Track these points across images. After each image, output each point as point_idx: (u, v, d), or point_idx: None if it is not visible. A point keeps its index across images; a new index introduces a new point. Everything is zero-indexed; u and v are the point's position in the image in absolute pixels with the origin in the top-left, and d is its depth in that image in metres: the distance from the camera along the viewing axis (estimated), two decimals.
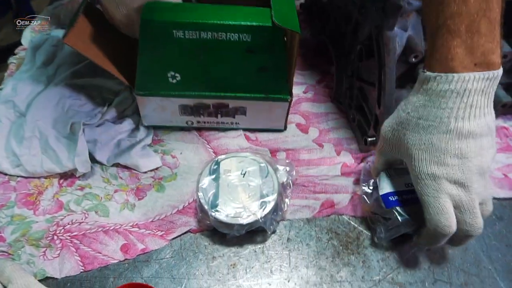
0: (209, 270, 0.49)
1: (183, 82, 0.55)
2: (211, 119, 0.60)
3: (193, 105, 0.57)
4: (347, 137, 0.62)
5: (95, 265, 0.48)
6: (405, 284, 0.49)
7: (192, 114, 0.59)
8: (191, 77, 0.55)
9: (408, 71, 0.58)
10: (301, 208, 0.54)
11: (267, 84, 0.56)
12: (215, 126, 0.61)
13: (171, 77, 0.54)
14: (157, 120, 0.60)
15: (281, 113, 0.59)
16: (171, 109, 0.58)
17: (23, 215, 0.52)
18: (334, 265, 0.50)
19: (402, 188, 0.50)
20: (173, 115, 0.59)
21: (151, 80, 0.55)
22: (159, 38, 0.51)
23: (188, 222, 0.52)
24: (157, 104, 0.57)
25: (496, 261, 0.51)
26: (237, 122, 0.61)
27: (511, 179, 0.58)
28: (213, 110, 0.58)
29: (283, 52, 0.53)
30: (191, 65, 0.54)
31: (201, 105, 0.57)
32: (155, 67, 0.54)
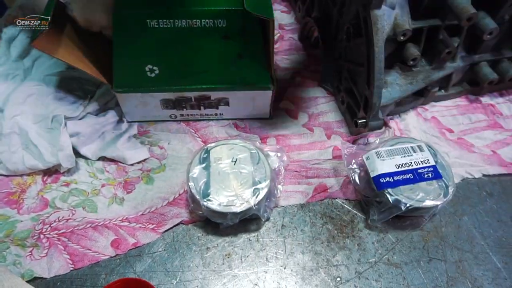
0: (204, 261, 0.48)
1: (162, 76, 0.53)
2: (195, 111, 0.58)
3: (175, 99, 0.56)
4: (337, 121, 0.61)
5: (85, 262, 0.47)
6: (400, 264, 0.49)
7: (174, 107, 0.57)
8: (170, 70, 0.53)
9: (396, 51, 0.57)
10: (294, 194, 0.53)
11: (247, 72, 0.55)
12: (199, 118, 0.60)
13: (149, 71, 0.53)
14: (140, 115, 0.58)
15: (265, 101, 0.58)
16: (153, 104, 0.56)
17: (6, 214, 0.50)
18: (330, 249, 0.50)
19: (393, 169, 0.50)
20: (156, 110, 0.57)
21: (129, 76, 0.53)
22: (133, 30, 0.49)
23: (179, 214, 0.51)
24: (138, 100, 0.55)
25: (488, 237, 0.51)
26: (221, 113, 0.59)
27: (499, 155, 0.58)
28: (196, 103, 0.57)
29: (259, 37, 0.52)
30: (168, 56, 0.52)
31: (183, 98, 0.56)
32: (132, 61, 0.52)
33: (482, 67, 0.62)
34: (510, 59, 0.63)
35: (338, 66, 0.62)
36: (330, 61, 0.63)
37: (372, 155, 0.50)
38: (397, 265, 0.49)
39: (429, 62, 0.59)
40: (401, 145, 0.52)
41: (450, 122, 0.62)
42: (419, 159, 0.50)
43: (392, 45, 0.56)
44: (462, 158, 0.57)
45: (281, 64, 0.68)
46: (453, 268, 0.49)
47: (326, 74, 0.64)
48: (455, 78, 0.63)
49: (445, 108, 0.64)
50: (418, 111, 0.63)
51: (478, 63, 0.62)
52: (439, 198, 0.48)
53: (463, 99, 0.66)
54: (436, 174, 0.49)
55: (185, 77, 0.54)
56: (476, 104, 0.65)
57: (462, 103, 0.65)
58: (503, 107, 0.65)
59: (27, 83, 0.56)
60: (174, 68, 0.53)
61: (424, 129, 0.61)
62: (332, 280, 0.47)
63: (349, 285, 0.47)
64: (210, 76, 0.54)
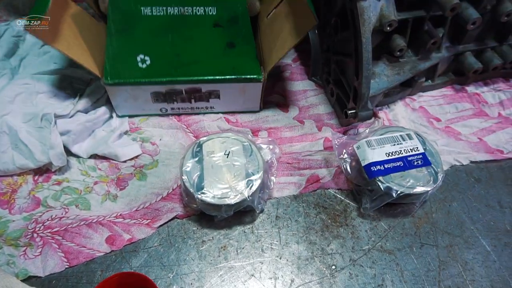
0: (200, 254, 0.48)
1: (153, 66, 0.54)
2: (185, 104, 0.58)
3: (165, 91, 0.56)
4: (327, 113, 0.62)
5: (80, 259, 0.47)
6: (393, 251, 0.50)
7: (165, 101, 0.57)
8: (161, 60, 0.54)
9: (383, 42, 0.58)
10: (287, 185, 0.54)
11: (237, 62, 0.55)
12: (190, 111, 0.60)
13: (141, 61, 0.53)
14: (130, 109, 0.58)
15: (255, 94, 0.58)
16: (143, 97, 0.56)
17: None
18: (324, 238, 0.50)
19: (383, 157, 0.50)
20: (146, 104, 0.57)
21: (121, 67, 0.53)
22: (127, 17, 0.50)
23: (174, 208, 0.51)
24: (128, 93, 0.55)
25: (478, 222, 0.53)
26: (211, 106, 0.60)
27: (486, 142, 0.60)
28: (186, 96, 0.57)
29: (248, 25, 0.53)
30: (160, 46, 0.53)
31: (173, 91, 0.56)
32: (124, 50, 0.52)
33: (467, 57, 0.63)
34: (494, 49, 0.64)
35: (327, 59, 0.63)
36: (319, 53, 0.63)
37: (362, 144, 0.51)
38: (390, 252, 0.50)
39: (415, 53, 0.60)
40: (390, 134, 0.53)
41: (437, 111, 0.64)
42: (409, 147, 0.51)
43: (378, 37, 0.57)
44: (450, 146, 0.59)
45: None
46: (444, 252, 0.50)
47: (315, 68, 0.65)
48: (441, 68, 0.64)
49: (432, 98, 0.65)
50: (406, 102, 0.64)
51: (462, 53, 0.63)
52: (429, 184, 0.49)
53: (449, 89, 0.67)
54: (426, 161, 0.50)
55: (176, 68, 0.54)
56: (462, 93, 0.66)
57: (449, 92, 0.66)
58: (488, 95, 0.66)
59: (15, 82, 0.56)
60: (165, 58, 0.54)
61: (412, 119, 0.62)
62: (327, 268, 0.48)
63: (344, 272, 0.48)
64: (201, 66, 0.55)
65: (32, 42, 0.62)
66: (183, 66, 0.54)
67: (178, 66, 0.54)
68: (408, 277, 0.48)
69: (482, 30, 0.62)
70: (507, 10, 0.57)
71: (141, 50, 0.52)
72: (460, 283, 0.47)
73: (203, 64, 0.55)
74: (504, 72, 0.68)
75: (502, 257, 0.50)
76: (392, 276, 0.48)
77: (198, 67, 0.55)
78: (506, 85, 0.68)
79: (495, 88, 0.67)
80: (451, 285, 0.47)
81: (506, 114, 0.64)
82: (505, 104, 0.65)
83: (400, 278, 0.47)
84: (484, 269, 0.49)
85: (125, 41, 0.52)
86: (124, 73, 0.53)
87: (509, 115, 0.64)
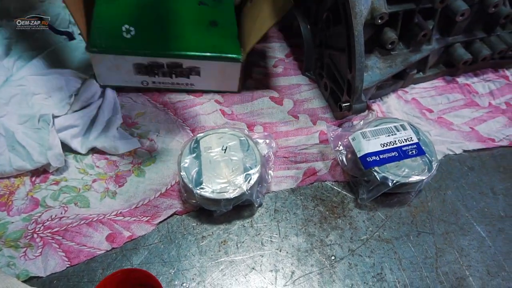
0: (200, 249, 0.49)
1: (137, 37, 0.56)
2: (166, 79, 0.60)
3: (147, 64, 0.57)
4: (321, 107, 0.63)
5: (81, 258, 0.47)
6: (391, 240, 0.50)
7: (146, 73, 0.59)
8: (145, 32, 0.56)
9: (374, 35, 0.59)
10: (284, 179, 0.54)
11: (218, 41, 0.57)
12: (170, 87, 0.61)
13: (126, 31, 0.55)
14: (112, 79, 0.59)
15: (234, 74, 0.60)
16: (125, 68, 0.58)
17: None
18: (323, 230, 0.51)
19: (378, 148, 0.51)
20: (128, 75, 0.59)
21: (106, 35, 0.55)
22: None
23: (173, 205, 0.51)
24: (111, 62, 0.56)
25: (472, 209, 0.54)
26: (191, 83, 0.61)
27: (477, 132, 0.61)
28: (168, 70, 0.59)
29: (232, 6, 0.58)
30: (145, 18, 0.56)
31: (155, 64, 0.57)
32: (111, 19, 0.56)
33: (456, 48, 0.64)
34: (482, 40, 0.66)
35: (320, 54, 0.63)
36: (312, 48, 0.64)
37: (357, 136, 0.52)
38: (388, 241, 0.50)
39: (407, 45, 0.61)
40: (385, 125, 0.53)
41: (430, 102, 0.65)
42: (403, 137, 0.52)
43: (370, 30, 0.58)
44: (442, 136, 0.60)
45: (263, 52, 0.69)
46: (440, 240, 0.51)
47: (308, 63, 0.66)
48: (432, 60, 0.65)
49: (424, 89, 0.66)
50: (399, 94, 0.65)
51: (452, 45, 0.64)
52: (424, 173, 0.50)
53: (441, 80, 0.68)
54: (420, 151, 0.51)
55: (159, 41, 0.56)
56: (453, 84, 0.68)
57: (440, 84, 0.68)
58: (478, 86, 0.68)
59: (10, 83, 0.56)
60: (149, 30, 0.56)
61: (405, 111, 0.63)
62: (326, 259, 0.49)
63: (343, 262, 0.48)
64: (183, 41, 0.57)
65: (25, 44, 0.61)
66: (166, 40, 0.57)
67: (161, 39, 0.57)
68: (406, 264, 0.48)
69: (471, 22, 0.63)
70: (494, 1, 0.58)
71: (126, 20, 0.56)
72: (457, 269, 0.48)
73: (185, 40, 0.57)
74: (493, 63, 0.69)
75: (497, 242, 0.51)
76: (391, 264, 0.48)
77: (180, 42, 0.57)
78: (495, 76, 0.69)
79: (485, 78, 0.69)
80: (448, 271, 0.48)
81: (496, 104, 0.65)
82: (495, 94, 0.66)
83: (398, 266, 0.48)
84: (479, 254, 0.50)
85: (112, 11, 0.55)
86: (108, 42, 0.55)
87: (499, 105, 0.65)
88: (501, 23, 0.64)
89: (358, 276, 0.47)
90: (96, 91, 0.58)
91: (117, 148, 0.53)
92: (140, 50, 0.56)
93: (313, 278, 0.47)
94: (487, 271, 0.48)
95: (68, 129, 0.53)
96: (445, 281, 0.47)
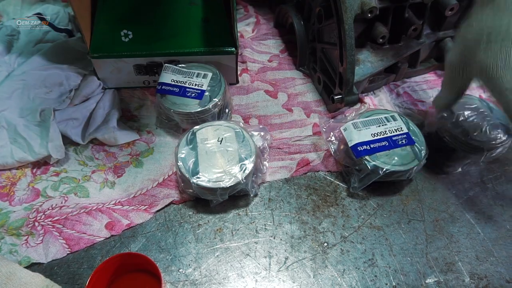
0: (196, 237, 0.50)
1: (135, 40, 0.59)
2: None
3: (146, 64, 0.60)
4: (315, 100, 0.64)
5: (81, 245, 0.48)
6: (382, 227, 0.52)
7: (147, 73, 0.62)
8: (142, 34, 0.60)
9: (366, 30, 0.61)
10: (279, 169, 0.56)
11: (212, 36, 0.61)
12: None
13: (124, 36, 0.59)
14: (116, 82, 0.62)
15: (230, 66, 0.62)
16: (126, 70, 0.60)
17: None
18: (316, 218, 0.52)
19: (369, 138, 0.53)
20: (130, 76, 0.62)
21: (106, 40, 0.59)
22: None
23: (170, 194, 0.53)
24: (112, 66, 0.59)
25: (462, 197, 0.55)
26: None
27: None
28: None
29: (221, 2, 0.63)
30: (141, 21, 0.61)
31: (154, 63, 0.60)
32: (110, 25, 0.60)
33: (447, 43, 0.66)
34: None
35: (313, 48, 0.65)
36: (305, 43, 0.66)
37: (349, 126, 0.53)
38: (379, 228, 0.52)
39: (398, 40, 0.63)
40: (376, 116, 0.55)
41: (421, 96, 0.66)
42: (393, 127, 0.54)
43: (362, 25, 0.60)
44: None
45: (258, 48, 0.70)
46: (431, 227, 0.52)
47: (302, 58, 0.67)
48: (423, 55, 0.67)
49: (416, 83, 0.68)
50: (391, 88, 0.67)
51: (442, 39, 0.66)
52: (413, 161, 0.51)
53: (432, 74, 0.70)
54: (410, 140, 0.53)
55: (155, 41, 0.60)
56: None
57: (431, 78, 0.69)
58: None
59: (12, 78, 0.57)
60: (146, 32, 0.60)
61: (397, 103, 0.64)
62: (319, 245, 0.50)
63: (336, 249, 0.50)
64: (178, 40, 0.60)
65: (26, 40, 0.63)
66: (161, 40, 0.60)
67: (157, 40, 0.60)
68: (397, 250, 0.50)
69: (461, 17, 0.64)
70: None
71: (124, 25, 0.59)
72: (447, 254, 0.50)
73: (180, 38, 0.60)
74: None
75: (486, 229, 0.52)
76: (382, 250, 0.50)
77: (175, 40, 0.60)
78: None
79: None
80: (438, 257, 0.49)
81: (487, 96, 0.66)
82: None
83: (389, 252, 0.50)
84: (469, 240, 0.51)
85: (112, 17, 0.60)
86: (108, 47, 0.59)
87: (489, 97, 0.66)
88: None
89: (350, 261, 0.49)
90: (96, 86, 0.60)
91: (116, 139, 0.55)
92: (138, 51, 0.59)
93: (306, 263, 0.48)
94: (476, 256, 0.50)
95: (68, 121, 0.55)
96: (435, 266, 0.49)
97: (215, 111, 0.56)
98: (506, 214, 0.53)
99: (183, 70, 0.58)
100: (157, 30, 0.61)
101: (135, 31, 0.60)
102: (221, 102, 0.57)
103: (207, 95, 0.56)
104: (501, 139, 0.54)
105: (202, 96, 0.56)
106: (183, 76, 0.57)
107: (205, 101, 0.56)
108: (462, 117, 0.55)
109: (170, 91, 0.56)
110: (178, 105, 0.55)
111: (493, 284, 0.48)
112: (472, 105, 0.57)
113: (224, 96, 0.57)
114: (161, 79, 0.57)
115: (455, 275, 0.48)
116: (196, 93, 0.56)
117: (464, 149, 0.54)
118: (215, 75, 0.58)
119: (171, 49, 0.59)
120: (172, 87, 0.56)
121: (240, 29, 0.72)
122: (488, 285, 0.48)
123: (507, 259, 0.50)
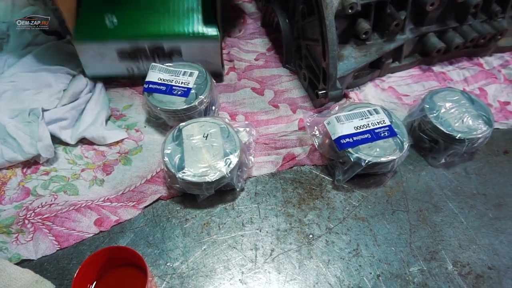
0: (184, 231, 0.51)
1: (119, 26, 0.60)
2: (149, 63, 0.62)
3: (130, 49, 0.61)
4: (301, 96, 0.65)
5: (70, 241, 0.49)
6: (367, 218, 0.53)
7: (130, 59, 0.62)
8: (127, 21, 0.60)
9: (349, 27, 0.62)
10: (265, 164, 0.57)
11: (196, 24, 0.61)
12: None
13: (109, 21, 0.60)
14: (99, 69, 0.63)
15: (214, 52, 0.63)
16: (109, 55, 0.61)
17: None
18: (301, 210, 0.53)
19: (352, 131, 0.54)
20: (113, 62, 0.62)
21: (91, 26, 0.59)
22: None
23: (157, 190, 0.53)
24: (94, 51, 0.60)
25: (445, 187, 0.56)
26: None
27: None
28: (150, 54, 0.62)
29: None
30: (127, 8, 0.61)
31: (137, 48, 0.61)
32: (95, 11, 0.60)
33: (430, 37, 0.67)
34: (455, 29, 0.68)
35: (298, 46, 0.66)
36: (291, 41, 0.67)
37: (332, 120, 0.54)
38: (364, 219, 0.53)
39: (381, 35, 0.64)
40: (359, 109, 0.56)
41: (406, 90, 0.67)
42: (376, 120, 0.55)
43: (345, 22, 0.61)
44: None
45: (245, 47, 0.72)
46: (414, 217, 0.53)
47: (288, 55, 0.69)
48: (407, 50, 0.68)
49: (400, 78, 0.69)
50: (376, 83, 0.68)
51: (426, 34, 0.67)
52: (395, 153, 0.52)
53: (417, 69, 0.71)
54: (392, 133, 0.54)
55: (140, 27, 0.60)
56: (428, 73, 0.70)
57: (416, 73, 0.70)
58: (453, 74, 0.70)
59: (1, 80, 0.58)
60: (130, 17, 0.60)
61: (382, 98, 0.65)
62: (305, 237, 0.51)
63: (321, 240, 0.51)
64: (162, 26, 0.61)
65: (16, 43, 0.64)
66: (146, 25, 0.60)
67: (142, 25, 0.60)
68: (381, 240, 0.51)
69: (443, 12, 0.66)
70: None
71: (109, 10, 0.60)
72: (430, 243, 0.51)
73: (165, 24, 0.61)
74: (468, 51, 0.72)
75: (469, 218, 0.53)
76: (366, 241, 0.51)
77: (160, 26, 0.61)
78: (469, 63, 0.72)
79: (460, 66, 0.71)
80: (421, 246, 0.50)
81: (470, 89, 0.67)
82: (469, 81, 0.69)
83: (373, 242, 0.51)
84: (452, 229, 0.52)
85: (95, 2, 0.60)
86: (91, 31, 0.59)
87: (473, 90, 0.67)
88: (471, 13, 0.67)
89: (335, 252, 0.50)
90: (84, 86, 0.61)
91: (105, 138, 0.56)
92: (121, 36, 0.59)
93: (291, 255, 0.49)
94: (459, 245, 0.51)
95: (57, 122, 0.56)
96: (418, 254, 0.50)
97: (202, 109, 0.58)
98: (489, 203, 0.54)
99: (170, 69, 0.59)
100: (142, 15, 0.61)
101: (119, 15, 0.60)
102: (207, 100, 0.58)
103: (193, 93, 0.57)
104: (482, 129, 0.55)
105: (188, 94, 0.57)
106: (169, 75, 0.59)
107: (191, 98, 0.57)
108: (444, 109, 0.56)
109: (157, 90, 0.57)
110: (165, 103, 0.56)
111: (476, 271, 0.48)
112: (454, 98, 0.58)
113: (210, 93, 0.58)
114: (148, 77, 0.58)
115: (438, 263, 0.49)
116: (183, 91, 0.57)
117: (446, 140, 0.55)
118: (202, 73, 0.59)
119: (155, 33, 0.60)
120: (159, 85, 0.57)
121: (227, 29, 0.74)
122: (471, 272, 0.48)
123: (489, 246, 0.50)
